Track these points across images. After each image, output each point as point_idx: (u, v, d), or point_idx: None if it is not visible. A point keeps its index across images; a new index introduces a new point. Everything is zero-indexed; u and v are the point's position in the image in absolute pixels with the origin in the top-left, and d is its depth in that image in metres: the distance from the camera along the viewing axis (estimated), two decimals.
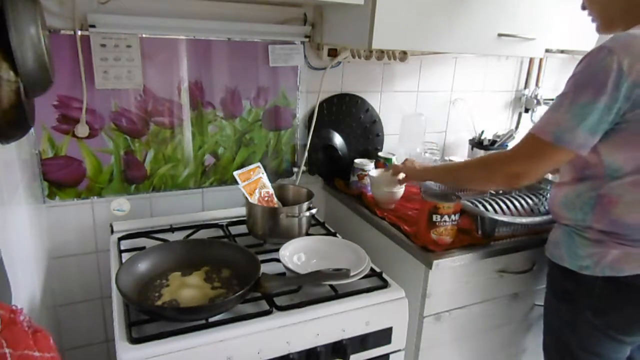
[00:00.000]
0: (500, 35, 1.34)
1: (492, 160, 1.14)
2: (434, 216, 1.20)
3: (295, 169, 1.65)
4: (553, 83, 2.11)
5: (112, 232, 1.36)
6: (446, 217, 1.20)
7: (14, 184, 1.04)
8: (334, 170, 1.69)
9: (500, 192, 1.53)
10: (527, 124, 2.10)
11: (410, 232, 1.29)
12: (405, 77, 1.76)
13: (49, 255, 1.37)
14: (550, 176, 1.57)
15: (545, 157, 1.00)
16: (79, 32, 1.22)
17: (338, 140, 1.67)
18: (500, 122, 2.06)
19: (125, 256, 1.17)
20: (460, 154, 1.91)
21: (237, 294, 0.95)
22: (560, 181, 1.16)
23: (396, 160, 1.60)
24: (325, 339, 1.02)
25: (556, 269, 1.14)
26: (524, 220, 1.31)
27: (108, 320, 1.52)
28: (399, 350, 1.14)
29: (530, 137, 1.03)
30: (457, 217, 1.22)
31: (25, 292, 1.03)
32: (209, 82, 1.42)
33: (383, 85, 1.72)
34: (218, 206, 1.55)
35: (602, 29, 1.09)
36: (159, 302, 0.99)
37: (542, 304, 1.43)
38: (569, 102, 0.96)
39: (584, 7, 1.11)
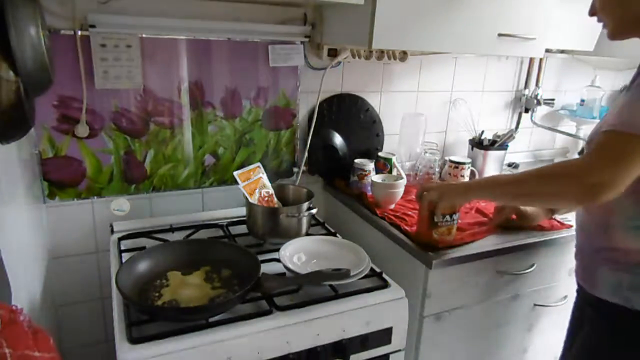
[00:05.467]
0: (500, 35, 1.34)
1: (560, 170, 0.93)
2: (436, 216, 1.20)
3: (295, 169, 1.65)
4: (553, 83, 2.11)
5: (112, 232, 1.36)
6: (447, 217, 1.20)
7: (14, 184, 1.04)
8: (334, 170, 1.69)
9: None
10: (527, 124, 2.10)
11: (410, 232, 1.29)
12: (405, 77, 1.76)
13: (49, 255, 1.37)
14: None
15: (637, 156, 0.82)
16: (79, 32, 1.22)
17: (338, 140, 1.67)
18: (500, 122, 2.06)
19: (125, 256, 1.17)
20: (461, 154, 1.91)
21: (237, 294, 0.96)
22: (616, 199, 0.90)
23: (396, 161, 1.60)
24: (325, 339, 1.02)
25: (633, 315, 0.96)
26: None
27: (108, 320, 1.52)
28: (399, 350, 1.14)
29: (612, 136, 0.84)
30: (458, 216, 1.22)
31: (25, 292, 1.03)
32: (209, 82, 1.42)
33: (383, 85, 1.72)
34: (218, 206, 1.55)
35: (616, 36, 0.97)
36: (159, 302, 0.99)
37: (542, 304, 1.43)
38: None
39: (592, 14, 1.00)
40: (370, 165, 1.57)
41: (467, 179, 1.68)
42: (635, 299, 0.95)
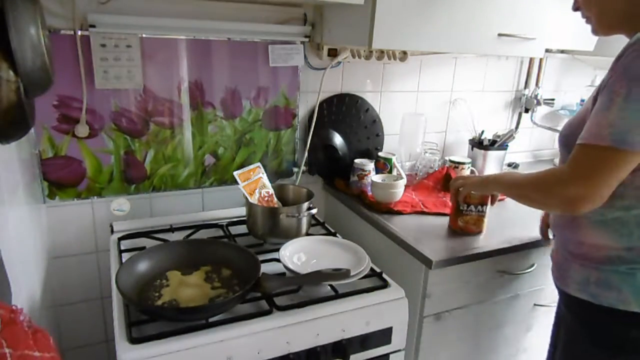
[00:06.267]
0: (500, 35, 1.34)
1: (547, 179, 0.94)
2: (461, 204, 1.25)
3: (295, 169, 1.65)
4: (553, 83, 2.11)
5: (112, 232, 1.36)
6: (472, 207, 1.24)
7: (14, 184, 1.04)
8: (334, 170, 1.69)
9: None
10: (527, 124, 2.10)
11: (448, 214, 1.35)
12: (405, 77, 1.76)
13: (49, 255, 1.36)
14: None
15: (606, 167, 0.83)
16: (79, 32, 1.22)
17: (338, 140, 1.67)
18: (500, 122, 2.06)
19: (125, 256, 1.17)
20: (460, 154, 1.91)
21: (237, 294, 0.96)
22: None
23: (396, 161, 1.60)
24: (325, 339, 1.02)
25: (609, 314, 0.95)
26: None
27: (108, 320, 1.52)
28: (399, 350, 1.14)
29: (582, 149, 0.86)
30: (484, 208, 1.25)
31: (25, 292, 1.03)
32: (209, 82, 1.42)
33: (383, 85, 1.72)
34: (218, 206, 1.55)
35: (599, 31, 0.99)
36: (159, 302, 0.99)
37: (542, 304, 1.43)
38: (622, 99, 0.81)
39: (576, 9, 1.01)
40: (370, 165, 1.57)
41: None
42: (602, 294, 0.95)
